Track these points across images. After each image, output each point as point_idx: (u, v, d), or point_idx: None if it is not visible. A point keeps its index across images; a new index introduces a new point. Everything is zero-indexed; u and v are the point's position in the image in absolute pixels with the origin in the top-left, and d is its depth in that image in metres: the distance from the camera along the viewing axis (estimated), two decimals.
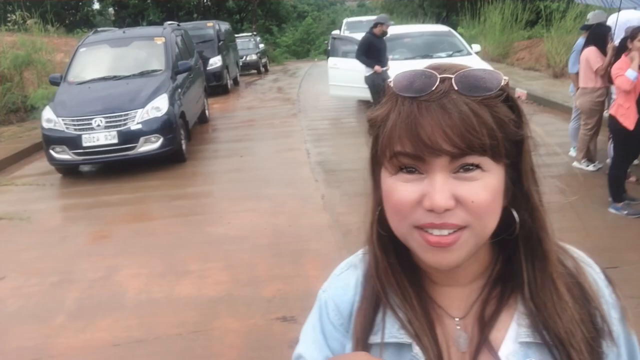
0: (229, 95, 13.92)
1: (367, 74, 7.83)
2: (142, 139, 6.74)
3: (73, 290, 3.92)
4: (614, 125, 4.47)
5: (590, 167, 5.63)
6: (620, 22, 6.11)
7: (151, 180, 6.62)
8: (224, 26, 15.72)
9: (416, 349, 0.69)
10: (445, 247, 0.62)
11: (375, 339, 0.72)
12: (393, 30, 10.07)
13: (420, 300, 0.72)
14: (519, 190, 0.67)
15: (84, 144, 6.61)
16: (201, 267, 4.15)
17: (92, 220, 5.42)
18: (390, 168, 0.65)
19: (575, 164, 5.75)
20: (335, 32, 16.82)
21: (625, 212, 4.46)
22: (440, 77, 0.62)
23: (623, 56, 4.48)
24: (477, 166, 0.61)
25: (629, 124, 4.29)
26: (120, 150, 6.71)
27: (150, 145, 6.80)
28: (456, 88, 0.61)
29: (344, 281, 0.80)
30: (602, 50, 5.69)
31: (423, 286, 0.74)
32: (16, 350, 3.23)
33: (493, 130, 0.60)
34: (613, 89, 5.39)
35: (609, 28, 5.90)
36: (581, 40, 6.15)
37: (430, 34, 9.78)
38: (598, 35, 5.79)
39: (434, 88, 0.61)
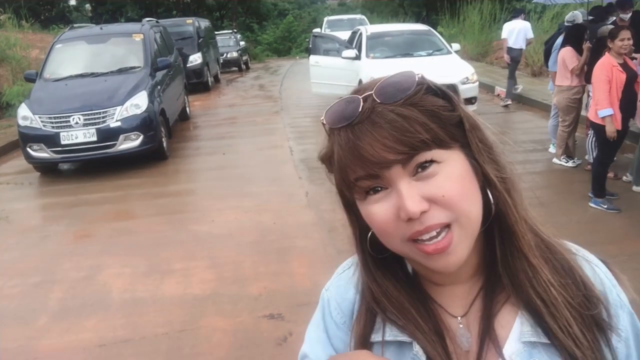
0: (209, 92, 13.79)
1: None
2: (121, 137, 6.64)
3: (56, 290, 3.85)
4: (597, 125, 4.54)
5: (570, 163, 5.75)
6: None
7: (132, 178, 6.53)
8: (204, 23, 15.57)
9: (416, 348, 0.69)
10: (444, 251, 0.63)
11: (376, 337, 0.73)
12: (373, 29, 10.13)
13: (422, 306, 0.72)
14: (481, 170, 0.67)
15: (62, 142, 6.48)
16: (186, 266, 4.11)
17: (73, 220, 5.33)
18: (358, 195, 0.66)
19: (555, 160, 5.87)
20: (317, 30, 16.84)
21: (605, 206, 4.57)
22: (362, 97, 0.64)
23: (606, 54, 4.53)
24: (432, 161, 0.62)
25: (617, 124, 4.38)
26: (99, 148, 6.59)
27: (130, 142, 6.70)
28: (379, 101, 0.63)
29: (346, 280, 0.80)
30: (578, 49, 5.82)
31: (423, 288, 0.74)
32: (0, 352, 3.16)
33: (426, 124, 0.62)
34: (590, 87, 5.52)
35: (584, 28, 6.04)
36: (560, 39, 6.29)
37: (410, 32, 9.83)
38: (574, 35, 5.92)
39: (360, 109, 0.63)
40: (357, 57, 8.99)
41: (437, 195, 0.61)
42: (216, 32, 18.59)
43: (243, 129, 8.99)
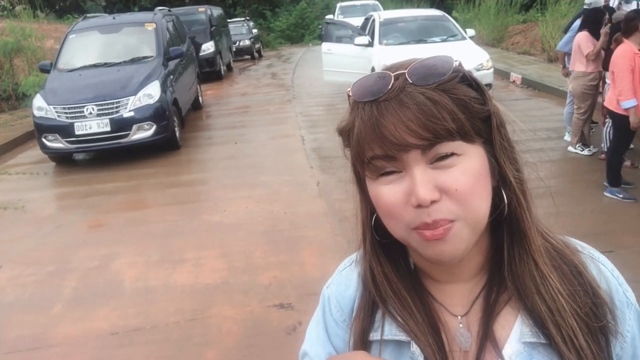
0: (222, 81, 13.81)
1: None
2: (134, 127, 6.69)
3: (70, 279, 3.92)
4: (617, 115, 4.43)
5: (585, 152, 5.65)
6: None
7: (145, 168, 6.59)
8: (216, 11, 15.53)
9: (414, 347, 0.69)
10: (440, 238, 0.62)
11: (375, 336, 0.72)
12: (386, 14, 10.01)
13: (420, 302, 0.71)
14: (499, 169, 0.66)
15: (77, 132, 6.56)
16: (197, 255, 4.15)
17: (87, 209, 5.40)
18: (370, 174, 0.65)
19: (570, 148, 5.77)
20: (329, 16, 16.70)
21: (621, 196, 4.48)
22: (394, 75, 0.62)
23: (626, 42, 4.37)
24: (452, 153, 0.61)
25: None
26: (113, 138, 6.65)
27: (143, 132, 6.75)
28: (410, 81, 0.61)
29: (346, 277, 0.80)
30: (596, 34, 5.68)
31: (423, 285, 0.73)
32: (16, 339, 3.23)
33: (454, 113, 0.60)
34: (607, 74, 5.39)
35: (603, 12, 5.88)
36: (578, 22, 6.14)
37: (424, 18, 9.69)
38: (592, 20, 5.77)
39: (389, 87, 0.61)
40: (370, 44, 8.91)
41: (451, 188, 0.60)
42: (228, 20, 18.54)
43: (255, 118, 9.00)
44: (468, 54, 8.22)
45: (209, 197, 5.51)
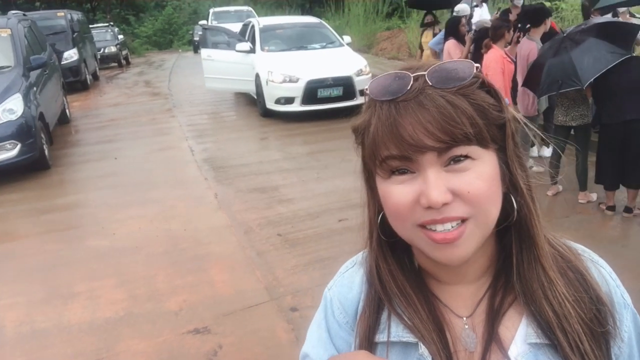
0: (89, 91, 12.75)
1: None
2: None
3: None
4: None
5: None
6: None
7: (12, 192, 5.81)
8: (77, 16, 14.29)
9: (422, 349, 0.68)
10: (451, 242, 0.62)
11: (381, 337, 0.71)
12: (265, 21, 10.01)
13: (425, 301, 0.71)
14: (510, 175, 0.68)
15: None
16: (90, 287, 3.74)
17: None
18: (382, 173, 0.64)
19: None
20: (203, 22, 16.27)
21: None
22: (414, 76, 0.62)
23: (495, 47, 4.77)
24: (466, 156, 0.61)
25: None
26: None
27: (6, 153, 5.93)
28: (430, 83, 0.61)
29: (349, 279, 0.79)
30: (462, 41, 6.23)
31: (428, 286, 0.73)
32: None
33: (473, 118, 0.60)
34: None
35: (459, 19, 6.45)
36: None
37: (302, 25, 9.85)
38: (452, 28, 6.34)
39: (409, 87, 0.61)
40: (252, 50, 8.82)
41: (463, 191, 0.61)
42: (91, 26, 17.21)
43: (133, 130, 8.42)
44: (347, 60, 8.54)
45: (93, 221, 5.01)
